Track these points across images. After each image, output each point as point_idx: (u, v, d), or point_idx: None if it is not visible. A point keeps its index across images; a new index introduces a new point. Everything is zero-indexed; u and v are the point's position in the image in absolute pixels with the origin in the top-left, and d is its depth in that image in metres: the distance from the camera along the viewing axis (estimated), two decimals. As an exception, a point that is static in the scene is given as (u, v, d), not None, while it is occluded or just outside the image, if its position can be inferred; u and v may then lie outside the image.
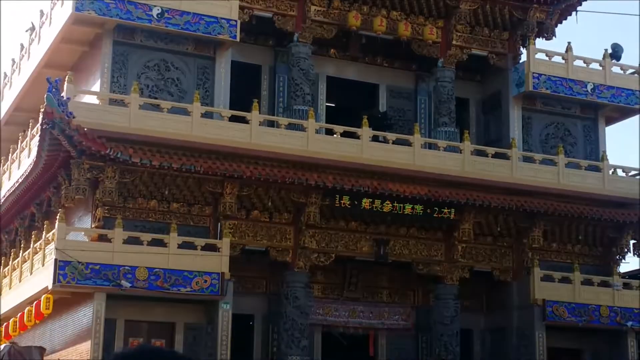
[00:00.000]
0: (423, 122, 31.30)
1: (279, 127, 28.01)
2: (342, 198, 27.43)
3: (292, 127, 27.98)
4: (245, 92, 28.81)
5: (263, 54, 30.58)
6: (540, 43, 32.09)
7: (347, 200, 27.48)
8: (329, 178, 27.14)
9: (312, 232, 28.00)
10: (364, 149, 28.37)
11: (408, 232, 29.27)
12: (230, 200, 26.66)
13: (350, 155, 28.13)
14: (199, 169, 25.91)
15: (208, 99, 27.51)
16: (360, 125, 28.57)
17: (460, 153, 29.69)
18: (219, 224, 26.76)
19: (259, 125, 27.47)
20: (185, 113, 26.54)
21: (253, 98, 28.42)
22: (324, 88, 31.36)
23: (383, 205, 27.76)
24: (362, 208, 27.74)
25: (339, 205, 27.56)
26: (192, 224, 26.74)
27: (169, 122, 26.27)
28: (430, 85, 31.88)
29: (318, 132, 28.34)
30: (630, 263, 32.93)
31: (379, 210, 27.87)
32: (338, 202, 27.48)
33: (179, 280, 25.24)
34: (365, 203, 27.64)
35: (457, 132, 30.83)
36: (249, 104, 27.71)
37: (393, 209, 27.97)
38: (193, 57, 28.00)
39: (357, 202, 27.58)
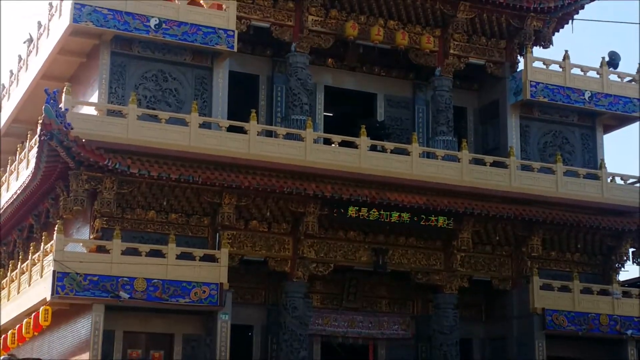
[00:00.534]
0: (421, 131, 31.32)
1: (277, 137, 28.03)
2: (340, 208, 27.47)
3: (290, 137, 27.98)
4: (243, 102, 28.86)
5: (261, 64, 30.61)
6: (538, 51, 32.17)
7: (345, 210, 27.51)
8: (327, 188, 27.14)
9: (310, 242, 28.01)
10: (362, 159, 28.35)
11: (407, 241, 29.28)
12: (229, 211, 26.66)
13: (349, 165, 28.12)
14: (198, 180, 25.90)
15: (206, 109, 27.51)
16: (358, 135, 28.59)
17: (459, 162, 29.68)
18: (218, 235, 26.77)
19: (257, 136, 27.44)
20: (183, 123, 26.52)
21: (251, 108, 28.41)
22: (322, 98, 31.39)
23: (381, 215, 27.80)
24: (360, 218, 27.76)
25: (338, 215, 27.58)
26: (190, 235, 26.74)
27: (167, 132, 26.24)
28: (428, 94, 31.93)
29: (316, 141, 28.33)
30: (630, 271, 32.93)
31: (378, 220, 27.89)
32: (337, 211, 27.51)
33: (178, 291, 25.21)
34: (364, 213, 27.67)
35: (455, 140, 30.86)
36: (247, 114, 27.70)
37: (391, 219, 28.00)
38: (191, 67, 28.00)
39: (355, 211, 27.61)
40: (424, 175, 28.92)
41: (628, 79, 32.84)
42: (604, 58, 32.71)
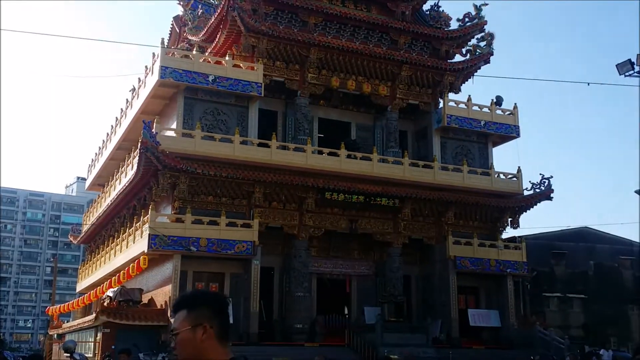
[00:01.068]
0: (378, 146, 31.31)
1: (289, 149, 28.03)
2: (328, 194, 27.50)
3: (297, 149, 28.02)
4: (267, 127, 28.86)
5: (278, 104, 30.57)
6: (452, 95, 32.09)
7: (331, 195, 27.55)
8: (320, 181, 27.19)
9: (310, 215, 28.04)
10: (342, 163, 28.38)
11: (369, 214, 29.28)
12: (259, 196, 26.71)
13: (333, 167, 28.15)
14: (239, 177, 25.97)
15: (244, 132, 27.52)
16: (340, 148, 28.62)
17: (402, 165, 29.72)
18: (252, 211, 26.81)
19: (276, 149, 27.49)
20: (230, 141, 26.56)
21: (272, 131, 28.46)
22: (317, 125, 31.35)
23: (353, 198, 27.84)
24: (340, 200, 27.80)
25: (326, 198, 27.63)
26: (234, 211, 26.78)
27: (220, 147, 26.29)
28: (383, 123, 31.91)
29: (313, 152, 28.36)
30: (509, 232, 32.96)
31: (351, 201, 27.93)
32: (326, 196, 27.56)
33: (227, 246, 25.31)
34: (343, 197, 27.72)
35: (399, 152, 30.88)
36: (270, 135, 27.75)
37: (359, 200, 28.03)
38: (234, 106, 28.01)
39: (337, 196, 27.65)
40: (380, 173, 28.97)
41: (508, 113, 32.86)
42: (493, 99, 32.71)
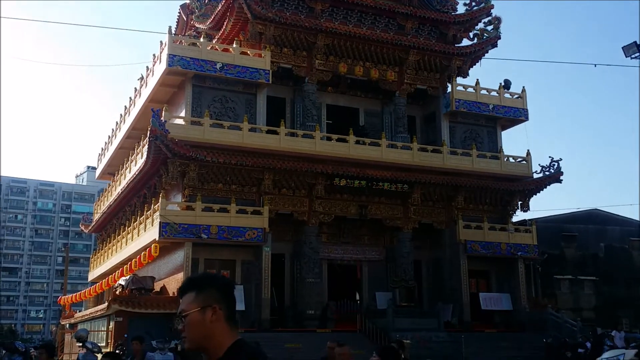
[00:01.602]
0: (387, 131, 31.23)
1: (297, 136, 28.01)
2: (337, 180, 27.50)
3: (305, 136, 27.98)
4: (276, 115, 28.83)
5: (286, 91, 30.51)
6: (460, 80, 31.92)
7: (340, 181, 27.54)
8: (329, 167, 27.18)
9: (319, 201, 28.06)
10: (351, 149, 28.34)
11: (379, 200, 29.29)
12: (268, 183, 26.74)
13: (343, 153, 28.13)
14: (248, 164, 25.99)
15: (252, 120, 27.51)
16: (348, 134, 28.57)
17: (411, 150, 29.64)
18: (261, 198, 26.85)
19: (285, 136, 27.47)
20: (238, 129, 26.56)
21: (280, 118, 28.42)
22: (325, 111, 31.30)
23: (362, 184, 27.82)
24: (349, 186, 27.79)
25: (336, 184, 27.62)
26: (244, 198, 26.81)
27: (228, 135, 26.30)
28: (391, 108, 31.82)
29: (322, 139, 28.32)
30: (519, 216, 32.91)
31: (360, 187, 27.92)
32: (335, 182, 27.55)
33: (237, 233, 25.37)
34: (352, 182, 27.70)
35: (408, 137, 30.80)
36: (278, 122, 27.72)
37: (369, 186, 28.02)
38: (242, 93, 27.99)
39: (346, 182, 27.64)
40: (389, 159, 28.92)
41: (516, 96, 32.67)
42: (501, 83, 32.53)
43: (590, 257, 34.12)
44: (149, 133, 24.32)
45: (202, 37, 28.68)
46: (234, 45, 27.75)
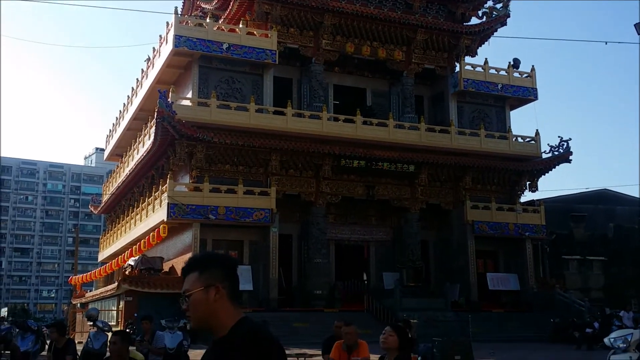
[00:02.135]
0: (394, 111, 31.14)
1: (304, 117, 27.95)
2: (344, 160, 27.47)
3: (312, 117, 27.92)
4: (282, 95, 28.77)
5: (293, 71, 30.42)
6: (468, 59, 31.74)
7: (347, 162, 27.51)
8: (336, 148, 27.15)
9: (326, 182, 28.08)
10: (358, 129, 28.28)
11: (386, 180, 29.26)
12: (275, 164, 26.75)
13: (350, 133, 28.07)
14: (255, 145, 25.99)
15: (259, 101, 27.47)
16: (355, 114, 28.48)
17: (418, 130, 29.54)
18: (269, 179, 26.89)
19: (292, 116, 27.42)
20: (245, 110, 26.53)
21: (287, 99, 28.36)
22: (332, 92, 31.21)
23: (370, 164, 27.80)
24: (357, 166, 27.77)
25: (343, 165, 27.60)
26: (251, 179, 26.87)
27: (235, 116, 26.28)
28: (399, 88, 31.69)
29: (329, 119, 28.26)
30: (527, 196, 32.81)
31: (368, 167, 27.89)
32: (342, 163, 27.53)
33: (245, 214, 25.46)
34: (359, 163, 27.67)
35: (416, 117, 30.68)
36: (285, 103, 27.66)
37: (377, 166, 27.99)
38: (249, 74, 27.91)
39: (354, 162, 27.62)
40: (397, 139, 28.85)
41: (525, 76, 32.45)
42: (510, 62, 32.28)
43: (599, 237, 34.01)
44: (156, 114, 24.34)
45: (208, 17, 28.56)
46: (240, 26, 27.61)
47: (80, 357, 9.58)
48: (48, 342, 10.35)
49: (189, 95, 26.89)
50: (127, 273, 26.11)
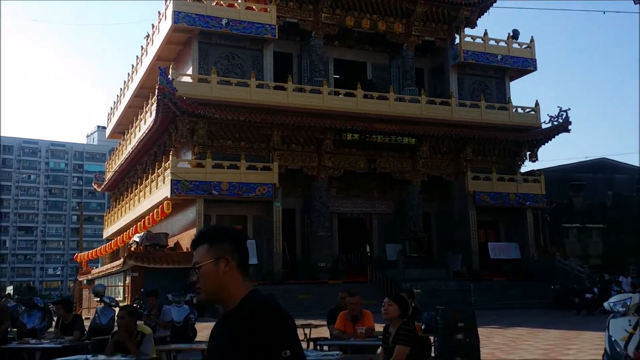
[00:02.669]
0: (395, 84, 31.01)
1: (305, 91, 27.85)
2: (346, 134, 27.43)
3: (313, 91, 27.83)
4: (283, 70, 28.63)
5: (293, 46, 30.24)
6: (467, 31, 31.49)
7: (349, 136, 27.48)
8: (337, 122, 27.11)
9: (328, 156, 28.09)
10: (359, 103, 28.21)
11: (388, 153, 29.27)
12: (277, 139, 26.74)
13: (350, 107, 28.00)
14: (256, 120, 25.95)
15: (259, 76, 27.36)
16: (356, 88, 28.38)
17: (419, 103, 29.45)
18: (271, 154, 26.91)
19: (293, 91, 27.33)
20: (246, 85, 26.43)
21: (287, 74, 28.24)
22: (332, 66, 31.06)
23: (371, 138, 27.76)
24: (358, 140, 27.74)
25: (344, 139, 27.57)
26: (253, 155, 26.89)
27: (236, 91, 26.20)
28: (399, 61, 31.52)
29: (329, 94, 28.17)
30: (527, 166, 32.88)
31: (369, 141, 27.86)
32: (344, 137, 27.49)
33: (248, 189, 25.53)
34: (360, 137, 27.64)
35: (416, 90, 30.57)
36: (285, 78, 27.55)
37: (377, 140, 27.95)
38: (249, 49, 27.75)
39: (355, 136, 27.57)
40: (398, 112, 28.80)
41: (525, 47, 32.23)
42: (510, 33, 32.05)
43: (598, 205, 34.12)
44: (157, 91, 24.28)
45: (206, -7, 28.25)
46: (239, 1, 27.39)
47: (88, 332, 9.70)
48: (55, 319, 10.47)
49: (189, 72, 26.79)
50: (132, 249, 26.30)
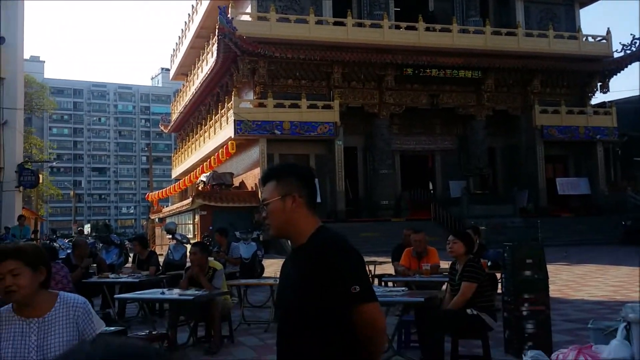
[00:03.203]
0: (458, 16, 29.94)
1: (365, 26, 27.30)
2: (407, 69, 26.88)
3: (373, 26, 27.24)
4: (342, 5, 28.05)
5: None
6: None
7: (410, 71, 26.92)
8: (399, 57, 26.55)
9: (389, 92, 27.67)
10: (420, 37, 27.49)
11: (451, 88, 28.60)
12: (337, 76, 26.48)
13: (412, 41, 27.35)
14: (316, 58, 25.69)
15: (318, 12, 26.93)
16: (417, 21, 27.60)
17: (484, 34, 28.44)
18: (332, 92, 26.72)
19: (352, 27, 26.82)
20: (305, 22, 26.09)
21: (347, 9, 27.67)
22: (392, -1, 30.23)
23: (434, 72, 27.12)
24: (420, 75, 27.16)
25: (406, 74, 27.04)
26: (314, 93, 26.75)
27: (295, 29, 25.93)
28: (462, -9, 30.38)
29: (390, 28, 27.51)
30: (598, 98, 31.57)
31: (431, 75, 27.25)
32: (405, 72, 26.96)
33: (309, 128, 25.55)
34: (423, 71, 27.04)
35: (481, 20, 29.51)
36: (345, 13, 27.02)
37: (441, 74, 27.30)
38: (308, -15, 27.26)
39: (417, 71, 27.00)
40: (461, 44, 27.96)
41: (598, -31, 30.45)
42: (581, -44, 30.29)
43: (675, 137, 32.57)
44: (217, 31, 24.26)
45: None
46: None
47: (162, 267, 10.08)
48: (131, 255, 10.93)
49: (248, 10, 26.58)
50: (200, 189, 26.97)
